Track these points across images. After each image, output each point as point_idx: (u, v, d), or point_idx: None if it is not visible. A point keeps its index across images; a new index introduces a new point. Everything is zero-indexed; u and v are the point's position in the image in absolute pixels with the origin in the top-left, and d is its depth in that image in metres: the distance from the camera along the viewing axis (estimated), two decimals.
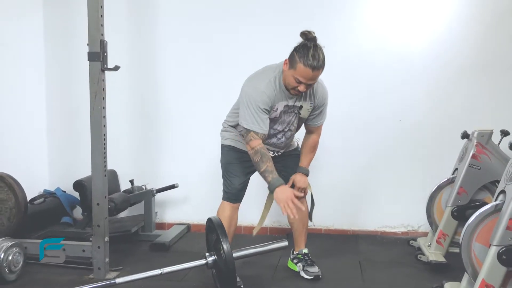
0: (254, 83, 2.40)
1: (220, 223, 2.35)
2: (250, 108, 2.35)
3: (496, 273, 1.98)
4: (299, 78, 2.27)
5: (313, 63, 2.22)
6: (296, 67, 2.26)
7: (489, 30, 3.30)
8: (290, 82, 2.33)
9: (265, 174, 2.39)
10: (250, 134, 2.38)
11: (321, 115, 2.58)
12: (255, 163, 2.41)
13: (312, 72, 2.24)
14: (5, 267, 2.54)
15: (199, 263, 2.39)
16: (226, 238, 2.26)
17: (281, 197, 2.34)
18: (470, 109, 3.34)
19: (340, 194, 3.52)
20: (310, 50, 2.23)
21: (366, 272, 2.80)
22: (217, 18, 3.55)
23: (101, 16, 2.53)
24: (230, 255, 2.20)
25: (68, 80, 3.74)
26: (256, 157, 2.39)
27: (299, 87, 2.31)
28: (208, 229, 2.51)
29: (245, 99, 2.39)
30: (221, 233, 2.26)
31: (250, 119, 2.36)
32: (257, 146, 2.38)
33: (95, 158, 2.63)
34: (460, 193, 2.80)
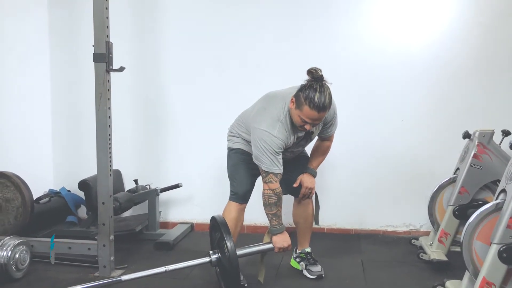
0: (266, 127, 2.37)
1: (224, 221, 2.38)
2: (267, 153, 2.36)
3: (497, 271, 2.00)
4: (305, 119, 2.28)
5: (319, 106, 2.22)
6: (302, 109, 2.26)
7: (489, 31, 3.32)
8: (296, 121, 2.34)
9: (274, 217, 2.45)
10: (269, 176, 2.40)
11: (332, 126, 2.61)
12: (268, 203, 2.44)
13: (318, 113, 2.25)
14: (12, 265, 2.58)
15: (203, 261, 2.42)
16: (230, 236, 2.29)
17: (279, 245, 2.45)
18: (472, 109, 3.36)
19: (342, 194, 3.55)
20: (316, 92, 2.22)
21: (368, 271, 2.82)
22: (221, 20, 3.58)
23: (107, 18, 2.57)
24: (234, 253, 2.23)
25: (73, 81, 3.78)
26: (272, 199, 2.42)
27: (306, 126, 2.33)
28: (212, 228, 2.54)
29: (259, 144, 2.37)
30: (225, 231, 2.29)
31: (268, 162, 2.38)
32: (277, 189, 2.42)
33: (100, 158, 2.66)
34: (461, 193, 2.82)
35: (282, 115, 2.38)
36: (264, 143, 2.35)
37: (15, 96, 3.49)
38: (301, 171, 2.68)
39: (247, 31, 3.55)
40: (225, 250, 2.28)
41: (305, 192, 2.66)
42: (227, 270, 2.32)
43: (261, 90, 2.62)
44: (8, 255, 2.56)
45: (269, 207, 2.44)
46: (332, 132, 2.64)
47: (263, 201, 2.46)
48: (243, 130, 2.61)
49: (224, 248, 2.28)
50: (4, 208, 2.99)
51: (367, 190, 3.55)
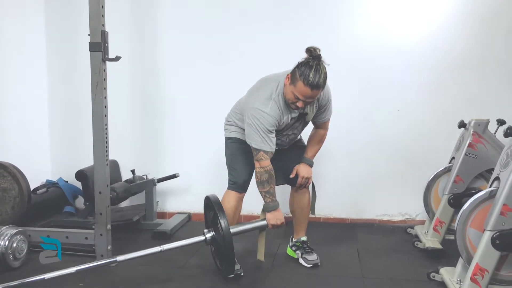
0: (259, 105, 2.39)
1: (217, 200, 2.40)
2: (258, 131, 2.38)
3: (490, 257, 2.03)
4: (297, 95, 2.30)
5: (313, 83, 2.24)
6: (296, 84, 2.28)
7: (486, 22, 3.33)
8: (289, 97, 2.36)
9: (267, 194, 2.47)
10: (260, 154, 2.42)
11: (326, 112, 2.61)
12: (261, 181, 2.46)
13: (311, 91, 2.26)
14: (10, 254, 2.59)
15: (198, 239, 2.44)
16: (224, 215, 2.30)
17: (273, 222, 2.49)
18: (467, 98, 3.37)
19: (338, 184, 3.57)
20: (312, 69, 2.24)
21: (364, 259, 2.85)
22: (218, 11, 3.57)
23: (102, 7, 2.56)
24: (227, 231, 2.25)
25: (70, 71, 3.77)
26: (264, 176, 2.44)
27: (298, 103, 2.34)
28: (206, 207, 2.55)
29: (252, 121, 2.39)
30: (219, 210, 2.31)
31: (259, 140, 2.39)
32: (267, 166, 2.43)
33: (97, 148, 2.66)
34: (456, 182, 2.85)
35: (274, 93, 2.40)
36: (256, 120, 2.37)
37: (12, 87, 3.48)
38: (297, 161, 2.70)
39: (246, 22, 3.54)
40: (219, 228, 2.28)
41: (302, 182, 2.68)
42: (221, 248, 2.33)
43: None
44: (5, 244, 2.57)
45: (261, 185, 2.46)
46: (327, 118, 2.65)
47: (256, 179, 2.48)
48: (239, 118, 2.62)
49: (218, 226, 2.29)
50: (1, 198, 3.00)
51: (363, 180, 3.57)
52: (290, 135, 2.62)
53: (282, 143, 2.62)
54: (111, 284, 2.52)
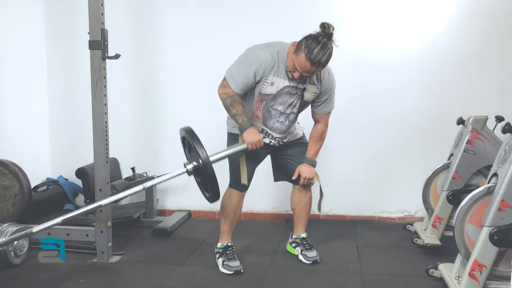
0: (256, 48, 2.44)
1: (191, 130, 2.35)
2: (239, 63, 2.43)
3: (488, 253, 2.04)
4: (296, 65, 2.29)
5: (315, 59, 2.23)
6: (298, 55, 2.27)
7: (485, 20, 3.33)
8: (288, 64, 2.36)
9: (236, 117, 2.44)
10: (225, 81, 2.46)
11: (327, 102, 2.57)
12: (226, 107, 2.47)
13: (311, 66, 2.26)
14: (11, 251, 2.60)
15: (180, 172, 2.40)
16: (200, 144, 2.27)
17: (249, 139, 2.42)
18: (466, 95, 3.38)
19: (338, 181, 3.56)
20: (319, 45, 2.22)
21: (363, 256, 2.86)
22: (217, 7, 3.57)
23: (102, 5, 2.57)
24: (207, 159, 2.23)
25: (70, 69, 3.77)
26: (227, 101, 2.44)
27: (294, 74, 2.34)
28: (182, 140, 2.50)
29: (241, 55, 2.46)
30: (194, 140, 2.28)
31: (233, 72, 2.43)
32: (230, 92, 2.43)
33: (97, 145, 2.67)
34: (455, 178, 2.86)
35: (276, 49, 2.41)
36: (244, 55, 2.44)
37: (12, 85, 3.49)
38: (299, 160, 2.68)
39: (246, 19, 3.54)
40: (198, 157, 2.26)
41: (304, 182, 2.67)
42: (204, 176, 2.30)
43: None
44: None
45: (227, 110, 2.47)
46: (328, 110, 2.60)
47: (223, 105, 2.49)
48: None
49: (197, 156, 2.26)
50: (2, 196, 3.01)
51: (362, 177, 3.58)
52: (289, 115, 2.54)
53: (282, 126, 2.55)
54: (111, 281, 2.54)
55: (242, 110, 2.43)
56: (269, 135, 2.58)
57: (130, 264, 2.73)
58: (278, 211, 3.70)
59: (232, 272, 2.54)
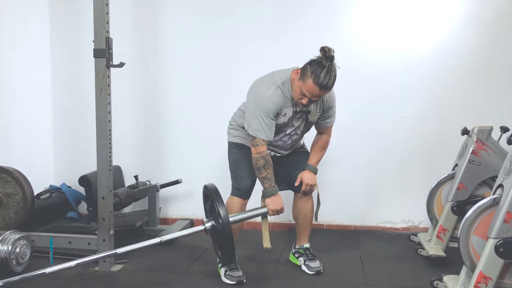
0: (261, 90, 2.43)
1: (215, 188, 2.37)
2: (257, 116, 2.39)
3: (494, 265, 2.01)
4: (305, 92, 2.31)
5: (322, 83, 2.26)
6: (305, 81, 2.30)
7: (489, 30, 3.33)
8: (295, 93, 2.37)
9: (264, 180, 2.47)
10: (256, 140, 2.43)
11: (330, 117, 2.62)
12: (257, 167, 2.46)
13: (319, 90, 2.28)
14: (13, 259, 2.59)
15: (198, 229, 2.42)
16: (222, 203, 2.29)
17: (272, 207, 2.48)
18: (470, 105, 3.37)
19: (341, 190, 3.56)
20: (324, 69, 2.26)
21: (366, 266, 2.84)
22: (222, 18, 3.58)
23: (107, 14, 2.58)
24: (226, 219, 2.24)
25: (74, 77, 3.79)
26: (260, 162, 2.44)
27: (303, 100, 2.35)
28: (205, 197, 2.53)
29: (251, 106, 2.42)
30: (217, 199, 2.29)
31: (257, 127, 2.40)
32: (263, 152, 2.43)
33: (101, 153, 2.67)
34: (460, 189, 2.83)
35: (280, 81, 2.42)
36: (257, 105, 2.39)
37: (16, 92, 3.51)
38: (301, 167, 2.69)
39: (249, 26, 3.55)
40: (218, 217, 2.27)
41: (306, 189, 2.67)
42: (221, 237, 2.31)
43: None
44: (8, 249, 2.57)
45: (258, 171, 2.47)
46: (331, 123, 2.64)
47: (253, 165, 2.48)
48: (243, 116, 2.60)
49: (217, 215, 2.28)
50: (5, 203, 3.01)
51: (366, 187, 3.57)
52: (292, 135, 2.59)
53: (284, 144, 2.60)
54: None
55: (272, 174, 2.48)
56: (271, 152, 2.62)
57: (132, 272, 2.72)
58: (281, 221, 3.68)
59: (234, 282, 2.53)
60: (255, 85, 2.49)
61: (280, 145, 2.60)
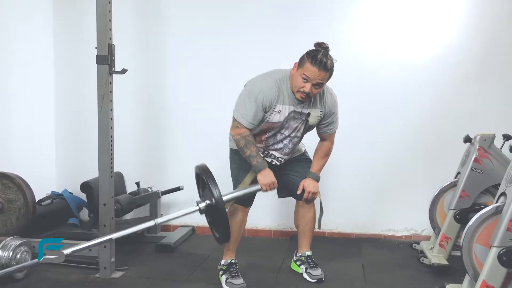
0: (256, 80, 2.48)
1: (206, 168, 2.32)
2: (245, 101, 2.43)
3: (497, 274, 1.99)
4: (306, 74, 2.32)
5: (321, 62, 2.29)
6: (303, 66, 2.33)
7: (492, 37, 3.33)
8: (297, 82, 2.37)
9: (250, 158, 2.46)
10: (236, 122, 2.47)
11: (332, 124, 2.61)
12: (240, 148, 2.49)
13: (319, 71, 2.30)
14: (13, 266, 2.58)
15: (192, 210, 2.34)
16: (214, 182, 2.23)
17: (264, 181, 2.45)
18: (473, 113, 3.36)
19: (343, 198, 3.54)
20: (320, 52, 2.32)
21: (368, 275, 2.82)
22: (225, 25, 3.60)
23: (110, 21, 2.59)
24: (220, 199, 2.20)
25: (76, 83, 3.80)
26: (241, 143, 2.46)
27: (305, 87, 2.34)
28: (197, 177, 2.48)
29: (243, 91, 2.48)
30: (209, 178, 2.24)
31: (243, 111, 2.43)
32: (243, 133, 2.45)
33: (102, 159, 2.67)
34: (462, 197, 2.82)
35: (278, 77, 2.45)
36: (248, 92, 2.44)
37: (19, 98, 3.52)
38: (303, 175, 2.68)
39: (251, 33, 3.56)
40: (211, 196, 2.23)
41: (308, 197, 2.65)
42: (216, 216, 2.28)
43: None
44: (9, 255, 2.56)
45: (242, 151, 2.48)
46: (333, 130, 2.64)
47: (236, 146, 2.51)
48: None
49: (210, 195, 2.24)
50: (6, 209, 3.01)
51: (368, 194, 3.55)
52: (293, 138, 2.58)
53: (285, 148, 2.59)
54: None
55: (257, 151, 2.47)
56: (271, 155, 2.61)
57: (133, 279, 2.71)
58: (282, 228, 3.66)
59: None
60: (253, 78, 2.53)
61: (281, 148, 2.59)
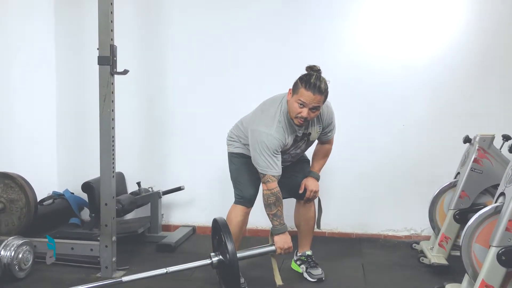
0: (263, 128, 2.42)
1: (225, 223, 2.38)
2: (264, 155, 2.40)
3: (496, 273, 2.01)
4: (301, 99, 2.32)
5: (314, 86, 2.29)
6: (298, 92, 2.34)
7: (492, 37, 3.35)
8: (293, 109, 2.37)
9: (274, 217, 2.48)
10: (266, 176, 2.44)
11: (331, 131, 2.66)
12: (268, 204, 2.47)
13: (313, 95, 2.30)
14: (15, 265, 2.60)
15: (205, 263, 2.43)
16: (231, 238, 2.30)
17: (281, 245, 2.46)
18: (472, 114, 3.37)
19: (344, 198, 3.56)
20: (313, 76, 2.33)
21: (368, 274, 2.83)
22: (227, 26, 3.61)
23: (111, 22, 2.60)
24: (234, 256, 2.24)
25: (78, 83, 3.82)
26: (271, 199, 2.46)
27: (302, 112, 2.34)
28: (214, 230, 2.55)
29: (256, 144, 2.41)
30: (226, 233, 2.30)
31: (265, 164, 2.41)
32: (274, 189, 2.45)
33: (104, 160, 2.68)
34: (462, 197, 2.83)
35: (279, 113, 2.43)
36: (261, 143, 2.39)
37: (21, 98, 3.53)
38: (304, 175, 2.70)
39: (252, 34, 3.58)
40: (225, 252, 2.29)
41: (310, 195, 2.68)
42: (227, 273, 2.33)
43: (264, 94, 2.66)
44: (11, 255, 2.58)
45: (268, 208, 2.47)
46: (331, 135, 2.69)
47: (263, 201, 2.49)
48: (242, 136, 2.64)
49: (225, 251, 2.30)
50: (8, 209, 3.02)
51: (368, 195, 3.57)
52: (294, 155, 2.65)
53: (285, 161, 2.62)
54: None
55: (282, 212, 2.49)
56: None
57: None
58: None
59: None
60: (256, 122, 2.47)
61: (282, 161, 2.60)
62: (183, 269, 2.46)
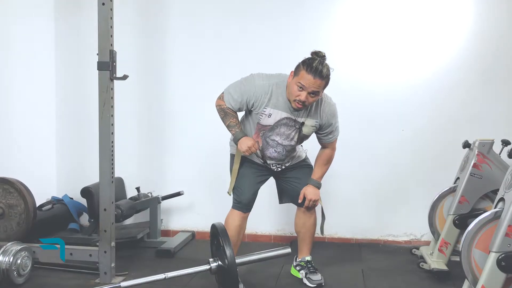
0: (258, 77, 2.51)
1: (223, 229, 2.38)
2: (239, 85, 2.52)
3: (496, 279, 2.01)
4: (301, 82, 2.32)
5: (316, 70, 2.29)
6: (299, 74, 2.34)
7: (491, 42, 3.36)
8: (292, 91, 2.37)
9: (229, 128, 2.55)
10: (221, 95, 2.59)
11: (332, 132, 2.61)
12: (221, 118, 2.60)
13: (314, 78, 2.29)
14: (14, 271, 2.59)
15: (203, 269, 2.42)
16: (230, 244, 2.29)
17: (243, 146, 2.49)
18: (472, 119, 3.38)
19: (343, 203, 3.55)
20: (316, 60, 2.31)
21: (368, 280, 2.83)
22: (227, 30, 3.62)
23: (111, 27, 2.61)
24: (233, 261, 2.23)
25: (77, 88, 3.82)
26: (220, 113, 2.59)
27: (300, 96, 2.34)
28: (212, 235, 2.54)
29: (245, 77, 2.54)
30: (224, 239, 2.29)
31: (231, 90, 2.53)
32: (223, 105, 2.56)
33: (103, 165, 2.68)
34: (461, 202, 2.83)
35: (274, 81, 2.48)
36: (246, 78, 2.53)
37: (20, 103, 3.53)
38: (304, 182, 2.68)
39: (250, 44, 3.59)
40: (224, 258, 2.28)
41: (309, 204, 2.66)
42: (226, 278, 2.32)
43: None
44: (10, 260, 2.57)
45: (222, 121, 2.58)
46: (333, 138, 2.64)
47: None
48: None
49: (224, 256, 2.29)
50: (7, 214, 3.01)
51: (368, 200, 3.56)
52: (286, 146, 2.58)
53: (280, 155, 2.60)
54: None
55: (235, 122, 2.54)
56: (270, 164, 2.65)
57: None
58: (282, 233, 3.67)
59: None
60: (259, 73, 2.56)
61: (275, 156, 2.61)
62: (182, 274, 2.44)
